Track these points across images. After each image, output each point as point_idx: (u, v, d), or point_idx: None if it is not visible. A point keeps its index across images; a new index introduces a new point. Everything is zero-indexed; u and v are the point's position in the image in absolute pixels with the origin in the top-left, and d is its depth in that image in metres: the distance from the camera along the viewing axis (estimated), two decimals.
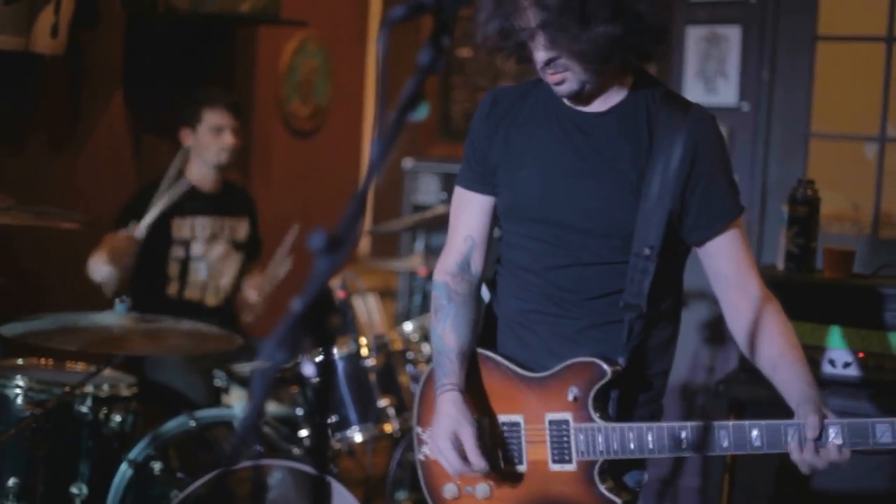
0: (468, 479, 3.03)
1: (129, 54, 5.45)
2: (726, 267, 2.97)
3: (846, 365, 3.99)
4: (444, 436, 2.93)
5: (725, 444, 2.78)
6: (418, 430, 3.15)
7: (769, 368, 2.92)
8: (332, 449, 4.50)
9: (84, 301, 4.48)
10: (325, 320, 1.71)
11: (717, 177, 2.93)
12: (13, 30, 4.53)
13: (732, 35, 5.98)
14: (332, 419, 4.44)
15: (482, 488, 3.01)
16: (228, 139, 5.14)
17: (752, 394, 4.07)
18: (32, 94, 4.94)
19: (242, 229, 5.35)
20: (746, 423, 2.76)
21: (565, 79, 2.84)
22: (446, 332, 3.05)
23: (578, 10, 2.68)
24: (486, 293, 3.22)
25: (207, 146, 5.13)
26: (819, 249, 4.26)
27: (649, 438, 2.83)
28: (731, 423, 2.78)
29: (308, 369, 4.45)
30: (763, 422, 2.76)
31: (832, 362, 4.00)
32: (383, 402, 4.50)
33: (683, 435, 2.79)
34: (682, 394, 5.77)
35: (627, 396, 2.99)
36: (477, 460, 2.91)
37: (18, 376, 3.95)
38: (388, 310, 6.80)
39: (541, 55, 2.82)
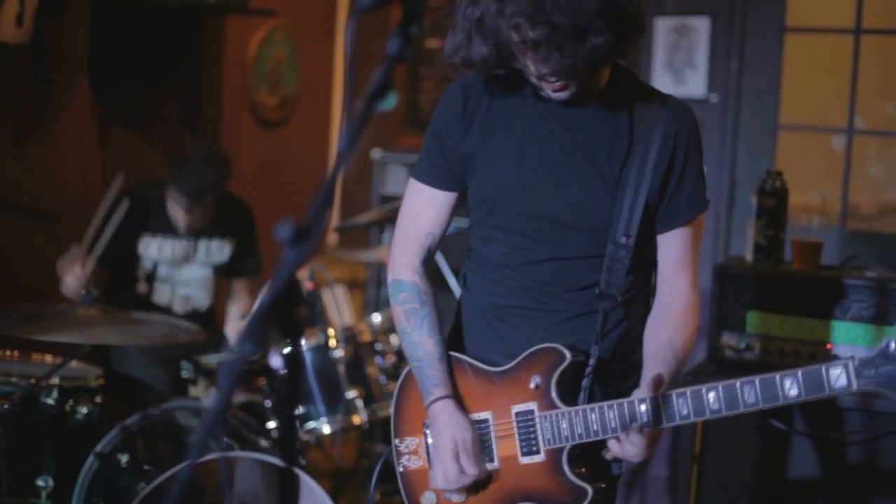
0: None
1: (95, 43, 5.40)
2: (664, 261, 2.99)
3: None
4: (448, 446, 2.91)
5: (685, 411, 2.76)
6: (396, 441, 3.12)
7: (645, 358, 2.94)
8: (300, 441, 4.49)
9: (52, 294, 4.45)
10: (292, 312, 1.70)
11: (691, 170, 2.94)
12: None
13: (701, 26, 5.99)
14: (301, 411, 4.43)
15: (457, 493, 3.00)
16: (181, 222, 4.92)
17: None
18: None
19: (224, 250, 5.09)
20: (703, 387, 2.74)
21: (566, 86, 2.80)
22: (423, 338, 3.00)
23: (573, 27, 2.64)
24: (454, 286, 3.20)
25: (174, 207, 4.93)
26: (787, 241, 4.27)
27: (610, 416, 2.81)
28: (687, 389, 2.76)
29: (276, 361, 4.44)
30: (719, 383, 2.74)
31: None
32: (352, 394, 4.49)
33: (643, 408, 2.77)
34: None
35: (608, 387, 2.97)
36: (471, 468, 2.91)
37: None
38: (356, 301, 6.78)
39: (537, 69, 2.75)
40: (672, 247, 2.98)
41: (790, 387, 2.68)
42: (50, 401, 3.93)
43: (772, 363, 4.07)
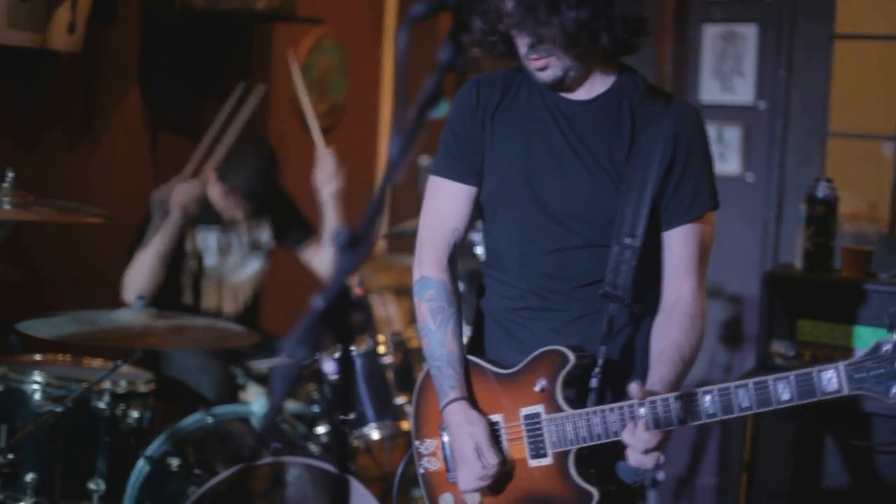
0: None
1: (146, 51, 5.46)
2: (670, 262, 2.98)
3: None
4: (469, 444, 2.92)
5: (681, 414, 2.73)
6: (416, 443, 3.14)
7: (651, 359, 2.92)
8: (349, 446, 4.50)
9: (100, 299, 4.49)
10: (345, 317, 1.71)
11: (694, 169, 2.94)
12: (30, 26, 4.54)
13: (749, 33, 5.97)
14: (350, 416, 4.44)
15: (472, 496, 3.00)
16: (228, 214, 4.97)
17: None
18: (49, 91, 4.94)
19: (264, 232, 5.13)
20: (698, 390, 2.73)
21: (549, 64, 2.86)
22: (448, 338, 3.00)
23: None
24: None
25: (221, 200, 4.96)
26: (837, 249, 4.25)
27: (611, 419, 2.80)
28: (681, 393, 2.73)
29: (328, 366, 4.47)
30: (715, 387, 2.72)
31: None
32: (401, 400, 4.51)
33: (642, 411, 2.76)
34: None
35: (618, 388, 2.94)
36: (493, 458, 2.91)
37: (37, 372, 3.96)
38: (404, 307, 6.79)
39: (523, 41, 2.85)
40: (677, 246, 2.96)
41: (783, 390, 2.66)
42: (102, 405, 3.96)
43: None
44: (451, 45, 1.87)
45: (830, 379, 2.62)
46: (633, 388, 2.73)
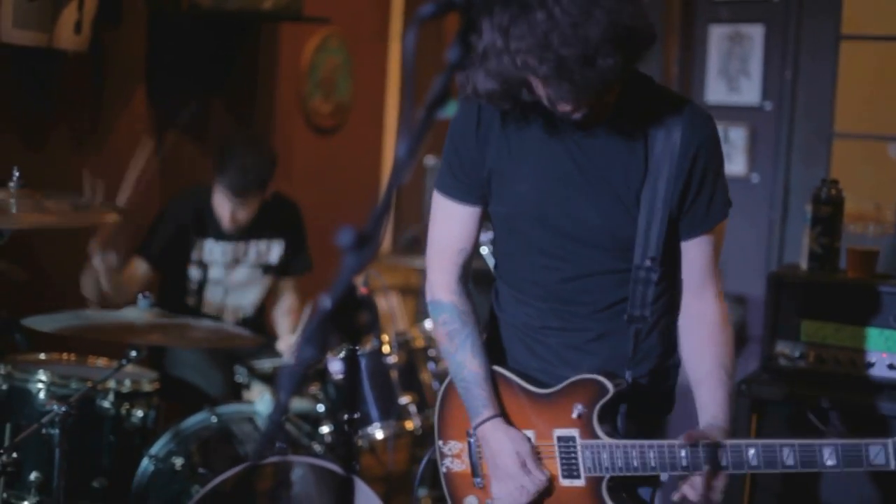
0: (488, 493, 3.03)
1: (152, 51, 5.46)
2: (689, 271, 2.97)
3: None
4: (513, 462, 2.93)
5: (724, 462, 2.77)
6: (440, 443, 3.14)
7: (695, 381, 2.93)
8: (354, 445, 4.50)
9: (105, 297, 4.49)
10: (353, 317, 1.71)
11: (710, 180, 2.91)
12: (37, 26, 4.54)
13: (755, 34, 5.97)
14: (355, 416, 4.44)
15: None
16: (226, 219, 4.95)
17: (774, 393, 4.06)
18: (55, 91, 4.94)
19: (274, 251, 5.14)
20: (743, 442, 2.76)
21: (579, 109, 2.73)
22: (468, 359, 3.00)
23: (581, 56, 2.55)
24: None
25: (220, 207, 4.98)
26: (843, 249, 4.25)
27: (650, 456, 2.83)
28: (728, 442, 2.76)
29: (334, 366, 4.47)
30: (759, 441, 2.76)
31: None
32: (405, 399, 4.51)
33: (683, 454, 2.79)
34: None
35: (644, 397, 3.00)
36: (540, 474, 2.93)
37: (41, 371, 3.96)
38: (409, 307, 6.80)
39: (548, 97, 2.70)
40: (696, 256, 2.96)
41: (828, 457, 2.68)
42: (106, 404, 3.96)
43: (826, 372, 4.05)
44: (459, 46, 1.87)
45: (878, 453, 2.66)
46: (691, 436, 2.77)
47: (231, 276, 5.02)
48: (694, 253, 2.96)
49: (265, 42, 6.22)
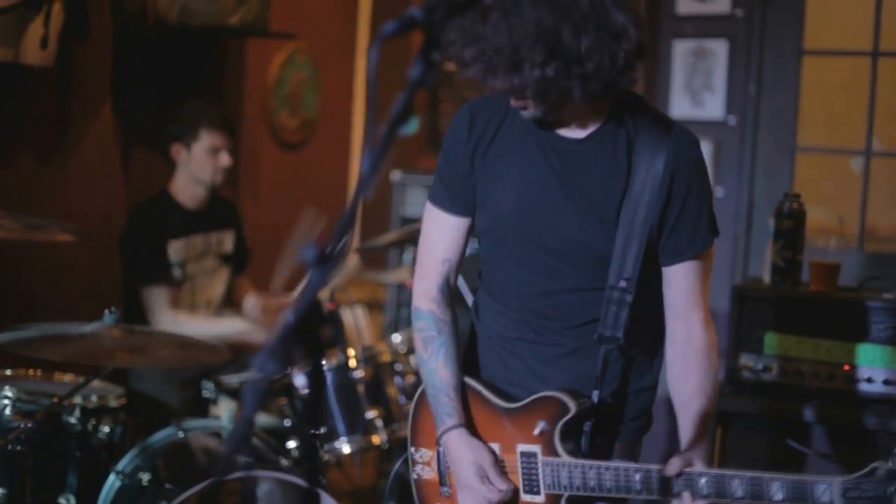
0: (455, 501, 3.04)
1: (118, 66, 5.45)
2: (675, 297, 2.98)
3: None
4: (472, 473, 2.94)
5: (675, 490, 2.78)
6: (412, 450, 3.16)
7: (677, 405, 2.96)
8: (320, 460, 4.51)
9: (72, 312, 4.47)
10: (317, 331, 1.72)
11: (692, 205, 2.90)
12: (2, 41, 4.54)
13: (719, 49, 6.01)
14: (321, 430, 4.45)
15: None
16: (225, 160, 5.13)
17: (739, 406, 4.10)
18: (21, 106, 4.94)
19: (228, 241, 5.33)
20: (696, 471, 2.77)
21: (525, 105, 2.79)
22: (439, 367, 3.03)
23: (509, 55, 2.64)
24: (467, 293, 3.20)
25: (203, 166, 5.11)
26: (805, 263, 4.28)
27: (606, 478, 2.84)
28: (684, 471, 2.77)
29: (299, 380, 4.48)
30: (713, 471, 2.77)
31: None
32: (371, 414, 4.51)
33: (637, 477, 2.80)
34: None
35: (608, 430, 3.01)
36: (502, 484, 2.94)
37: (7, 387, 3.94)
38: (375, 322, 6.80)
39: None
40: (680, 281, 2.96)
41: (776, 491, 2.69)
42: (72, 420, 3.95)
43: (789, 384, 4.09)
44: (421, 63, 1.88)
45: (823, 492, 2.67)
46: (673, 465, 2.78)
47: (201, 267, 5.13)
48: (679, 278, 2.95)
49: (231, 57, 6.23)
